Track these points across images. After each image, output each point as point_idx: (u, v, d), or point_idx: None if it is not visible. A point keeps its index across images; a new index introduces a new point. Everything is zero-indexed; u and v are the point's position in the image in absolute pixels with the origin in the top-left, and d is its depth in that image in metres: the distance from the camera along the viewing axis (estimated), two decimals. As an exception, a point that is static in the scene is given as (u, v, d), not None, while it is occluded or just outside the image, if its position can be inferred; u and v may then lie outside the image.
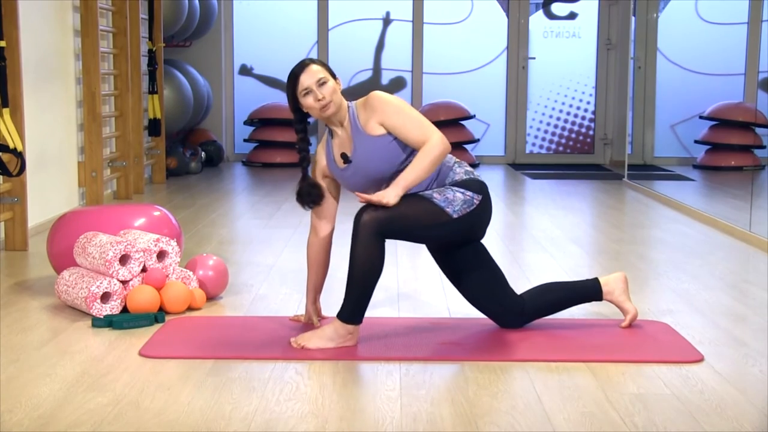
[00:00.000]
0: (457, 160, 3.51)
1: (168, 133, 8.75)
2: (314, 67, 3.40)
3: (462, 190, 3.38)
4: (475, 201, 3.39)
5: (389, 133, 3.37)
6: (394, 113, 3.35)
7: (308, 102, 3.40)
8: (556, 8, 10.47)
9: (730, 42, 9.69)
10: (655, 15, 9.99)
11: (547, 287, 3.71)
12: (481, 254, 3.58)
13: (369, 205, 3.28)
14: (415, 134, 3.33)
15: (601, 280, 3.66)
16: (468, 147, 10.10)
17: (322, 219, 3.58)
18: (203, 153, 9.36)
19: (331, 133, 3.52)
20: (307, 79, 3.38)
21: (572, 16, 10.48)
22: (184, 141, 9.63)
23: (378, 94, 3.39)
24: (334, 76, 3.44)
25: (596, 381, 3.05)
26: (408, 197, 3.35)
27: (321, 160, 3.58)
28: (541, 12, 10.48)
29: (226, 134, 10.35)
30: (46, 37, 6.03)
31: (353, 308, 3.32)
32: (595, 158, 10.52)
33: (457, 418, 2.74)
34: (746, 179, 8.32)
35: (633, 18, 9.85)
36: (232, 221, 6.41)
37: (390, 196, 3.28)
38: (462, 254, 3.55)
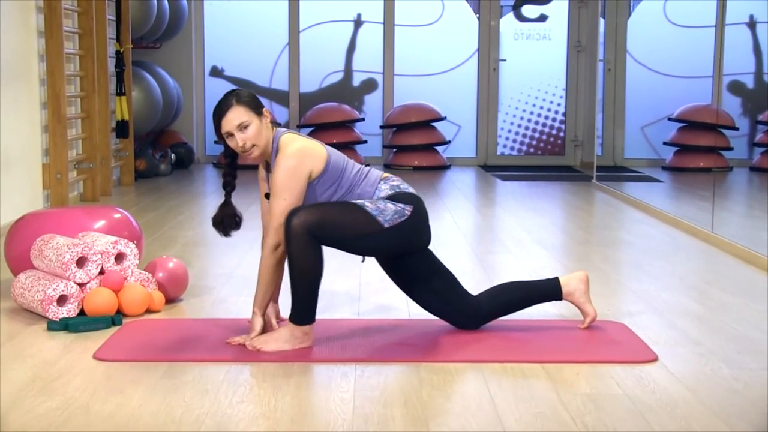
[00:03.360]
0: (385, 176, 3.49)
1: (137, 135, 8.71)
2: (235, 111, 3.33)
3: (393, 202, 3.39)
4: (406, 212, 3.38)
5: None
6: (276, 178, 3.32)
7: (232, 144, 3.39)
8: (527, 10, 10.50)
9: (698, 45, 9.76)
10: (624, 18, 10.04)
11: (505, 287, 3.71)
12: (429, 260, 3.57)
13: (298, 208, 3.27)
14: (273, 208, 3.33)
15: (562, 280, 3.66)
16: (439, 149, 10.11)
17: (274, 233, 3.54)
18: (173, 155, 9.31)
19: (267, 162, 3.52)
20: (227, 125, 3.35)
21: (542, 18, 10.51)
22: (154, 143, 9.59)
23: (283, 154, 3.32)
24: (260, 108, 3.38)
25: (550, 382, 3.05)
26: (340, 203, 3.36)
27: (263, 185, 3.59)
28: (511, 14, 10.51)
29: (197, 136, 10.31)
30: (9, 38, 5.98)
31: (302, 310, 3.33)
32: (565, 160, 10.55)
33: (408, 419, 2.74)
34: (712, 180, 8.37)
35: (602, 20, 9.90)
36: (199, 224, 6.38)
37: (260, 341, 3.36)
38: (409, 262, 3.54)
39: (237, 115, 3.34)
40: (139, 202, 7.29)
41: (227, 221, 3.56)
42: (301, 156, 3.34)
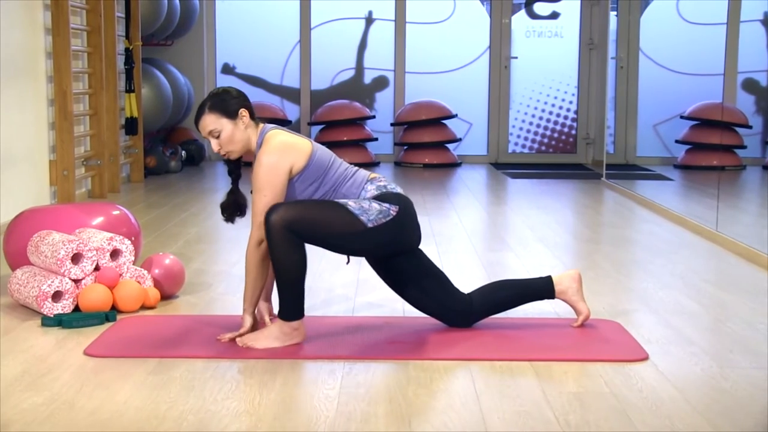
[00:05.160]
0: (372, 177, 3.48)
1: (147, 132, 8.74)
2: (206, 119, 3.39)
3: (378, 201, 3.38)
4: (391, 212, 3.37)
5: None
6: (256, 173, 3.34)
7: (213, 149, 3.46)
8: (539, 8, 10.47)
9: (711, 42, 9.69)
10: (637, 15, 9.99)
11: (498, 285, 3.70)
12: (419, 261, 3.55)
13: (278, 205, 3.28)
14: (253, 208, 3.36)
15: (554, 278, 3.65)
16: (450, 146, 10.10)
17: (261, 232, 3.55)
18: (183, 152, 9.34)
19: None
20: (202, 131, 3.44)
21: (554, 15, 10.48)
22: (165, 140, 9.62)
23: (263, 149, 3.35)
24: (235, 111, 3.39)
25: (538, 380, 3.04)
26: (323, 202, 3.37)
27: None
28: (523, 11, 10.48)
29: (208, 133, 10.31)
30: (16, 35, 6.02)
31: (289, 306, 3.33)
32: (577, 158, 10.51)
33: (391, 416, 2.74)
34: (723, 179, 8.31)
35: (615, 18, 9.86)
36: (203, 220, 6.39)
37: (251, 338, 3.38)
38: (399, 262, 3.52)
39: (208, 123, 3.41)
40: (147, 198, 7.32)
41: (233, 208, 3.58)
42: (281, 151, 3.35)
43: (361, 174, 3.48)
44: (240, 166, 3.60)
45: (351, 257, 3.58)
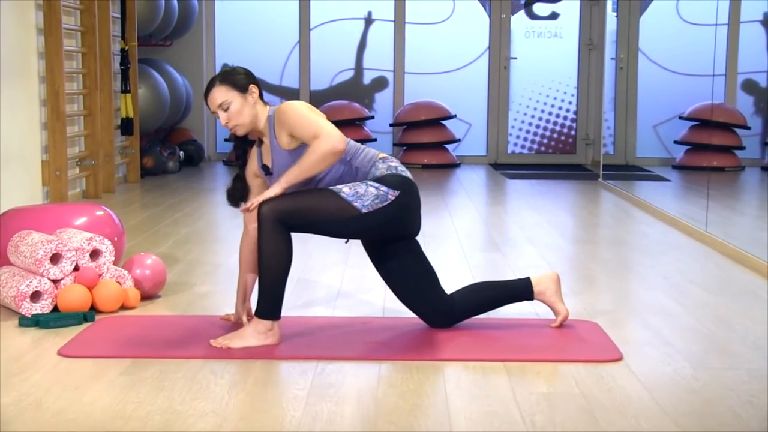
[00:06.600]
0: (384, 156, 3.49)
1: (144, 133, 8.75)
2: (216, 91, 3.41)
3: (376, 185, 3.36)
4: (389, 196, 3.36)
5: (302, 145, 3.36)
6: (293, 119, 3.33)
7: (221, 122, 3.45)
8: (538, 8, 10.45)
9: (711, 43, 9.65)
10: (637, 16, 9.96)
11: (478, 286, 3.69)
12: (413, 252, 3.55)
13: (269, 198, 3.29)
14: (306, 133, 3.30)
15: (533, 280, 3.65)
16: (449, 147, 10.09)
17: (254, 219, 3.57)
18: (182, 152, 9.34)
19: (260, 139, 3.54)
20: (211, 104, 3.43)
21: (554, 16, 10.46)
22: (163, 140, 9.63)
23: (285, 107, 3.37)
24: (245, 86, 3.42)
25: (509, 380, 3.03)
26: (314, 191, 3.36)
27: (252, 162, 3.59)
28: (522, 12, 10.46)
29: (208, 133, 10.35)
30: (8, 35, 6.03)
31: (267, 303, 3.33)
32: (576, 158, 10.49)
33: (357, 417, 2.73)
34: (720, 180, 8.29)
35: (615, 18, 9.83)
36: (195, 220, 6.39)
37: (269, 194, 3.30)
38: (393, 251, 3.53)
39: (218, 94, 3.41)
40: (142, 199, 7.33)
41: (240, 193, 3.60)
42: (309, 107, 3.38)
43: (371, 151, 3.48)
44: (247, 152, 3.60)
45: (349, 239, 3.57)
